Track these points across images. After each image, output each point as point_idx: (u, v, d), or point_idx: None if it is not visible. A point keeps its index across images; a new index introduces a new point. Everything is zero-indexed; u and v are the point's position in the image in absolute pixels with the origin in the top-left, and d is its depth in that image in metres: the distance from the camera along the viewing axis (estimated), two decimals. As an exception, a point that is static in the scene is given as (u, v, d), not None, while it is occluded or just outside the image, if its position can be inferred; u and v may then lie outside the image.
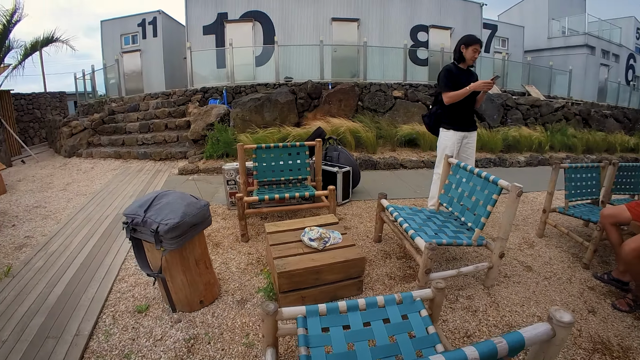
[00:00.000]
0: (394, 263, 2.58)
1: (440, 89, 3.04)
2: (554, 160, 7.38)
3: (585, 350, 1.88)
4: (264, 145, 3.27)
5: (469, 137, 3.21)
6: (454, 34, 12.00)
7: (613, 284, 2.52)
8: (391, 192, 4.21)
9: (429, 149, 6.52)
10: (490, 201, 2.20)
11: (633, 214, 2.44)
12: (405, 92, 7.90)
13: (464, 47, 2.95)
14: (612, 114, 11.25)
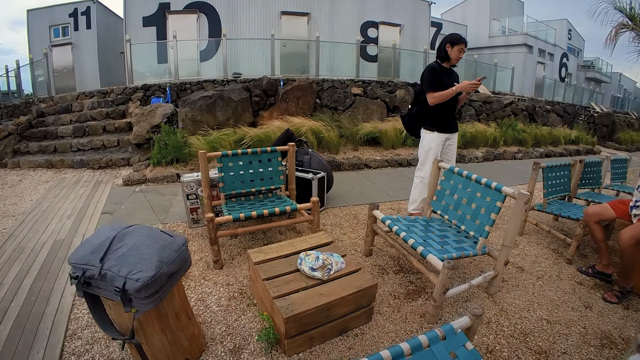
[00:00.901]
0: (393, 279, 2.51)
1: (424, 88, 3.05)
2: (522, 154, 7.98)
3: (595, 347, 2.02)
4: (230, 152, 2.96)
5: (452, 138, 3.28)
6: (403, 31, 12.57)
7: (597, 277, 2.77)
8: (364, 195, 4.19)
9: (391, 147, 6.70)
10: (494, 209, 2.23)
11: (617, 211, 2.67)
12: (364, 89, 8.05)
13: (449, 46, 3.00)
14: (554, 109, 12.54)
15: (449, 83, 3.01)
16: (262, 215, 2.59)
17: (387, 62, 10.85)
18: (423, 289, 2.40)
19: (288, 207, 2.71)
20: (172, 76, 8.88)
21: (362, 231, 3.24)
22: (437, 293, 1.90)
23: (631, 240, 2.23)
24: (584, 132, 11.84)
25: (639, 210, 2.52)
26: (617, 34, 6.48)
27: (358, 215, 3.63)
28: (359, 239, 3.09)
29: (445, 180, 2.73)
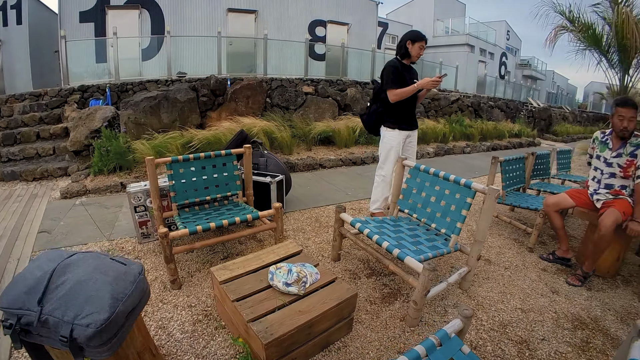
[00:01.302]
0: (366, 284, 2.48)
1: (385, 86, 3.06)
2: (470, 148, 8.43)
3: (568, 330, 2.16)
4: (180, 158, 2.73)
5: (412, 135, 3.34)
6: (351, 30, 12.88)
7: (558, 262, 2.98)
8: (323, 197, 4.15)
9: (344, 146, 6.77)
10: (465, 205, 2.28)
11: (576, 200, 2.88)
12: (315, 88, 8.08)
13: (410, 43, 3.04)
14: (497, 104, 13.46)
15: (410, 80, 3.06)
16: (222, 226, 2.43)
17: (335, 61, 11.01)
18: (398, 291, 2.40)
19: (249, 215, 2.56)
20: (113, 76, 8.32)
21: (326, 235, 3.18)
22: (419, 296, 1.88)
23: (613, 225, 2.41)
24: (525, 125, 12.86)
25: (601, 196, 2.75)
26: (556, 35, 7.08)
27: (320, 218, 3.57)
28: (324, 244, 3.02)
29: (411, 179, 2.75)
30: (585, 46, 6.98)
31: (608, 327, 2.22)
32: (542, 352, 1.96)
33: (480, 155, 8.40)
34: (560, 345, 2.02)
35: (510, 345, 1.98)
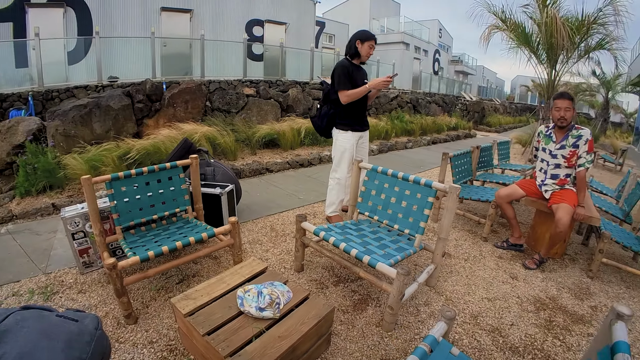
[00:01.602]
0: (335, 292, 2.44)
1: (336, 87, 3.06)
2: (412, 143, 8.79)
3: (532, 312, 2.33)
4: (121, 174, 2.47)
5: (364, 136, 3.39)
6: (289, 30, 12.91)
7: (512, 248, 3.20)
8: (274, 203, 4.06)
9: (290, 148, 6.75)
10: (427, 204, 2.35)
11: (525, 190, 3.13)
12: (256, 90, 7.99)
13: (359, 43, 3.06)
14: (434, 99, 14.26)
15: (360, 81, 3.09)
16: (176, 248, 2.26)
17: (273, 61, 10.94)
18: (368, 296, 2.40)
19: (204, 234, 2.40)
20: (35, 83, 7.40)
21: (284, 244, 3.10)
22: (394, 301, 1.90)
23: (570, 221, 2.70)
24: (461, 118, 13.80)
25: (548, 187, 3.02)
26: (489, 33, 7.68)
27: (275, 226, 3.48)
28: (284, 254, 2.94)
29: (369, 181, 2.77)
30: (517, 44, 7.62)
31: (565, 305, 2.43)
32: (513, 337, 2.08)
33: (422, 149, 8.83)
34: (528, 328, 2.16)
35: (484, 335, 2.07)
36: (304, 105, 8.61)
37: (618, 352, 0.96)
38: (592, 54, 7.39)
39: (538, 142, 3.14)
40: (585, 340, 2.12)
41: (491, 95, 27.19)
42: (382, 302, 2.31)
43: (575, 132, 2.82)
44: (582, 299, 2.55)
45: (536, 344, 2.05)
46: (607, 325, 1.11)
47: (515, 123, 18.95)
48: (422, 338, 1.99)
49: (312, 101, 9.01)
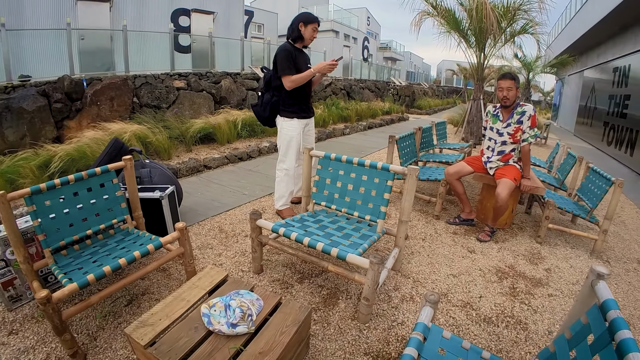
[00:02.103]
0: (302, 290, 2.34)
1: (280, 72, 2.93)
2: (349, 130, 8.93)
3: (496, 282, 2.47)
4: (43, 186, 2.03)
5: (310, 123, 3.31)
6: (217, 19, 12.43)
7: (464, 223, 3.37)
8: (219, 202, 3.83)
9: (226, 142, 6.53)
10: (386, 188, 2.34)
11: (473, 166, 3.30)
12: (187, 82, 7.59)
13: (302, 26, 2.95)
14: (367, 86, 14.67)
15: (304, 65, 3.00)
16: (119, 267, 1.98)
17: (202, 52, 10.46)
18: (337, 289, 2.34)
19: (150, 246, 2.14)
20: None
21: (237, 245, 2.92)
22: (370, 292, 1.85)
23: (508, 195, 2.86)
24: (393, 103, 14.40)
25: (492, 164, 3.20)
26: (420, 19, 8.00)
27: (223, 227, 3.27)
28: (239, 256, 2.76)
29: (323, 169, 2.70)
30: (447, 30, 8.03)
31: (523, 271, 2.61)
32: (484, 308, 2.17)
33: (359, 135, 9.02)
34: (495, 298, 2.28)
35: (458, 311, 2.13)
36: (237, 96, 8.37)
37: (609, 309, 1.00)
38: (516, 38, 8.05)
39: (486, 121, 3.30)
40: (547, 302, 2.29)
41: (419, 80, 28.96)
42: (352, 293, 2.27)
43: (519, 109, 3.02)
44: (536, 263, 2.76)
45: (506, 311, 2.16)
46: (589, 285, 1.16)
47: (443, 105, 20.30)
48: (399, 324, 2.00)
49: (246, 91, 8.74)
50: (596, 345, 1.00)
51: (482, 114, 8.38)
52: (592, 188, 3.15)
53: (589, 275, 1.17)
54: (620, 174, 6.35)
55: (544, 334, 2.01)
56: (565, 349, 1.11)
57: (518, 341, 1.94)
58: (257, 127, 7.11)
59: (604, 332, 0.98)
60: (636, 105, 7.76)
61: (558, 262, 2.81)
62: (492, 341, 1.92)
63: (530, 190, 2.98)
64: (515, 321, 2.08)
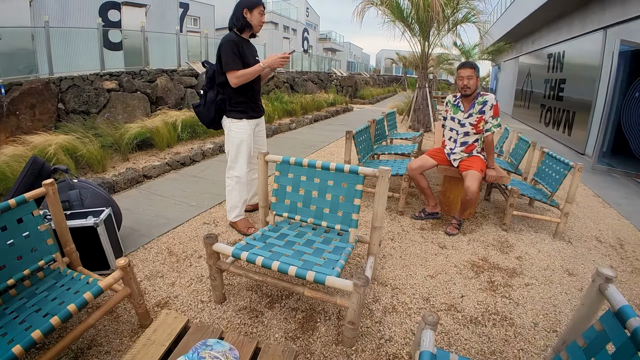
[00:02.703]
0: (274, 317, 2.15)
1: (225, 67, 2.67)
2: (295, 124, 8.80)
3: (473, 277, 2.50)
4: None
5: (261, 123, 3.12)
6: (150, 13, 11.77)
7: (430, 217, 3.40)
8: (164, 217, 3.48)
9: (166, 147, 6.11)
10: (356, 193, 2.21)
11: (436, 159, 3.31)
12: (119, 82, 7.03)
13: (247, 12, 2.70)
14: (309, 77, 14.62)
15: (252, 57, 2.79)
16: (52, 329, 1.67)
17: (135, 49, 9.75)
18: (313, 310, 2.19)
19: (88, 294, 1.83)
20: None
21: (191, 270, 2.64)
22: (355, 316, 1.74)
23: (478, 187, 2.90)
24: (336, 94, 14.51)
25: (456, 156, 3.22)
26: (363, 9, 8.06)
27: (172, 248, 2.94)
28: (195, 283, 2.48)
29: (282, 176, 2.51)
30: (392, 19, 8.19)
31: (497, 262, 2.67)
32: (468, 308, 2.17)
33: (307, 129, 8.92)
34: (477, 295, 2.29)
35: (443, 316, 2.10)
36: (175, 95, 7.93)
37: (629, 317, 0.96)
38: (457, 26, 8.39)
39: (446, 111, 3.32)
40: (526, 292, 2.35)
41: (359, 70, 29.68)
42: (330, 313, 2.14)
43: (481, 99, 3.06)
44: (507, 252, 2.83)
45: (490, 308, 2.17)
46: (597, 290, 1.13)
47: (385, 94, 20.88)
48: (387, 341, 1.91)
49: (184, 89, 8.29)
50: (619, 356, 0.97)
51: (428, 102, 8.66)
52: (550, 172, 3.32)
53: (595, 278, 1.14)
54: (560, 152, 6.91)
55: (531, 327, 2.04)
56: (582, 358, 1.08)
57: (508, 339, 1.94)
58: (198, 128, 6.75)
59: (627, 342, 0.95)
60: (571, 88, 8.48)
61: (526, 249, 2.91)
62: (484, 343, 1.91)
63: (495, 180, 3.05)
64: (501, 318, 2.09)
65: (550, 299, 2.31)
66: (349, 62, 32.38)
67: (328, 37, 33.79)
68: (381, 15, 8.11)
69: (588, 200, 4.33)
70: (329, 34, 34.42)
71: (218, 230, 3.19)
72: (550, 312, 2.20)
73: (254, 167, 3.16)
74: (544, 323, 2.09)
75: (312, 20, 30.86)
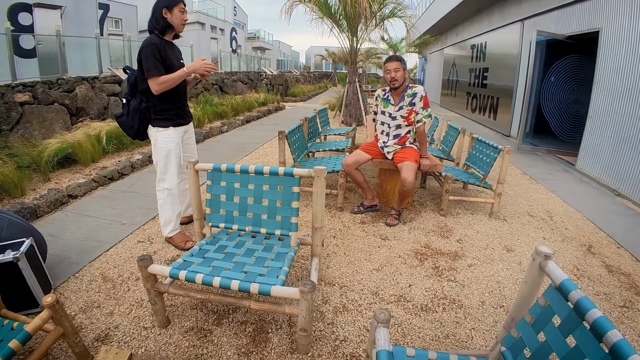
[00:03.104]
0: (224, 334, 2.00)
1: (147, 73, 2.48)
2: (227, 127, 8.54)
3: (419, 265, 2.57)
4: None
5: (190, 130, 2.98)
6: (66, 15, 10.81)
7: (369, 210, 3.45)
8: (94, 240, 3.15)
9: (91, 162, 5.60)
10: (293, 196, 2.15)
11: (371, 153, 3.35)
12: (33, 94, 6.33)
13: (167, 12, 2.50)
14: (239, 78, 14.33)
15: (177, 61, 2.61)
16: None
17: (50, 55, 8.78)
18: (262, 320, 2.09)
19: (15, 343, 1.53)
20: None
21: (129, 295, 2.40)
22: (306, 322, 1.67)
23: (415, 177, 2.98)
24: (267, 93, 14.40)
25: (390, 148, 3.28)
26: (291, 6, 8.04)
27: (106, 273, 2.64)
28: (135, 308, 2.25)
29: (214, 185, 2.36)
30: (320, 16, 8.26)
31: (439, 247, 2.76)
32: (417, 297, 2.21)
33: (239, 131, 8.70)
34: (424, 282, 2.34)
35: (394, 307, 2.12)
36: (98, 104, 7.32)
37: (570, 290, 1.00)
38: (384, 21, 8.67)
39: (377, 105, 3.36)
40: (470, 272, 2.46)
41: (290, 68, 29.80)
42: (280, 321, 2.06)
43: (410, 91, 3.13)
44: (447, 236, 2.95)
45: (438, 293, 2.23)
46: (537, 267, 1.17)
47: (316, 90, 21.13)
48: (342, 342, 1.88)
49: (107, 98, 7.67)
50: (565, 327, 1.00)
51: (359, 96, 8.85)
52: (480, 157, 3.52)
53: (534, 257, 1.18)
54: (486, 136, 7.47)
55: (479, 307, 2.13)
56: (532, 333, 1.11)
57: (459, 321, 2.01)
58: (125, 139, 6.24)
59: (571, 313, 0.99)
60: (494, 76, 9.24)
61: (465, 231, 3.05)
62: (437, 328, 1.96)
63: (430, 168, 3.15)
64: (450, 301, 2.16)
65: (493, 277, 2.44)
66: (278, 61, 32.52)
67: (257, 36, 33.77)
68: (309, 12, 8.17)
69: (517, 179, 4.68)
70: (257, 32, 34.38)
71: (154, 247, 2.94)
72: (495, 289, 2.31)
73: (185, 177, 2.98)
74: (490, 300, 2.20)
75: (240, 19, 30.58)
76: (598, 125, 4.95)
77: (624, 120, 4.36)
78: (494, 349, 1.29)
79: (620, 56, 4.54)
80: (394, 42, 15.40)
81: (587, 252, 2.86)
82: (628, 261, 2.77)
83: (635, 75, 4.23)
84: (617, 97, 4.55)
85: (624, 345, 0.81)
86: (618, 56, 4.58)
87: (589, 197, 4.14)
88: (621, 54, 4.52)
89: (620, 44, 4.56)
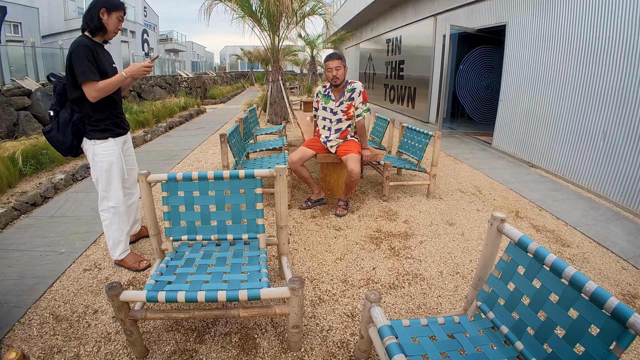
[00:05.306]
0: (211, 351, 1.92)
1: (80, 78, 2.24)
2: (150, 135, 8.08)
3: (377, 249, 2.76)
4: None
5: (128, 140, 2.77)
6: None
7: (316, 204, 3.59)
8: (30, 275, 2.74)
9: (8, 187, 4.83)
10: (256, 197, 2.17)
11: (314, 149, 3.46)
12: None
13: (104, 13, 2.29)
14: (156, 82, 13.61)
15: (109, 66, 2.44)
16: None
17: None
18: (247, 328, 2.06)
19: None
20: None
21: (91, 330, 2.17)
22: (298, 319, 1.73)
23: (360, 168, 3.13)
24: (187, 97, 13.85)
25: (332, 142, 3.41)
26: (211, 5, 7.78)
27: (57, 311, 2.33)
28: (105, 345, 2.03)
29: (171, 196, 2.24)
30: (241, 15, 8.15)
31: (390, 229, 3.00)
32: (383, 277, 2.40)
33: (163, 138, 8.24)
34: (385, 263, 2.55)
35: (364, 290, 2.27)
36: (6, 121, 6.43)
37: (528, 243, 1.24)
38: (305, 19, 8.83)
39: (317, 102, 3.47)
40: (422, 248, 2.73)
41: (205, 69, 28.83)
42: (264, 325, 2.07)
43: (349, 87, 3.28)
44: (394, 219, 3.20)
45: (400, 271, 2.45)
46: (495, 230, 1.40)
47: (234, 90, 20.76)
48: (329, 331, 1.97)
49: (16, 113, 6.76)
50: (530, 273, 1.23)
51: (283, 94, 8.92)
52: (412, 144, 3.84)
53: (492, 222, 1.41)
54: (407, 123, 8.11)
55: (438, 277, 2.40)
56: (502, 285, 1.33)
57: (425, 292, 2.24)
58: (42, 157, 5.41)
59: (532, 262, 1.23)
60: (409, 68, 9.93)
61: (409, 212, 3.34)
62: (408, 302, 2.15)
63: (371, 158, 3.37)
64: (412, 276, 2.39)
65: (443, 249, 2.75)
66: (193, 62, 31.25)
67: (169, 38, 32.14)
68: (230, 12, 8.05)
69: (443, 160, 5.20)
70: (169, 34, 32.67)
71: (104, 274, 2.68)
72: (448, 259, 2.61)
73: (128, 192, 2.79)
74: (446, 269, 2.48)
75: (151, 20, 28.74)
76: (509, 107, 5.71)
77: (532, 102, 5.13)
78: (469, 307, 1.50)
79: (524, 46, 5.32)
80: (312, 38, 15.71)
81: (516, 217, 3.34)
82: (550, 220, 3.31)
83: (538, 61, 4.98)
84: (524, 82, 5.34)
85: (579, 276, 1.06)
86: (523, 46, 5.36)
87: (508, 170, 4.78)
88: (525, 44, 5.29)
89: (524, 36, 5.33)
